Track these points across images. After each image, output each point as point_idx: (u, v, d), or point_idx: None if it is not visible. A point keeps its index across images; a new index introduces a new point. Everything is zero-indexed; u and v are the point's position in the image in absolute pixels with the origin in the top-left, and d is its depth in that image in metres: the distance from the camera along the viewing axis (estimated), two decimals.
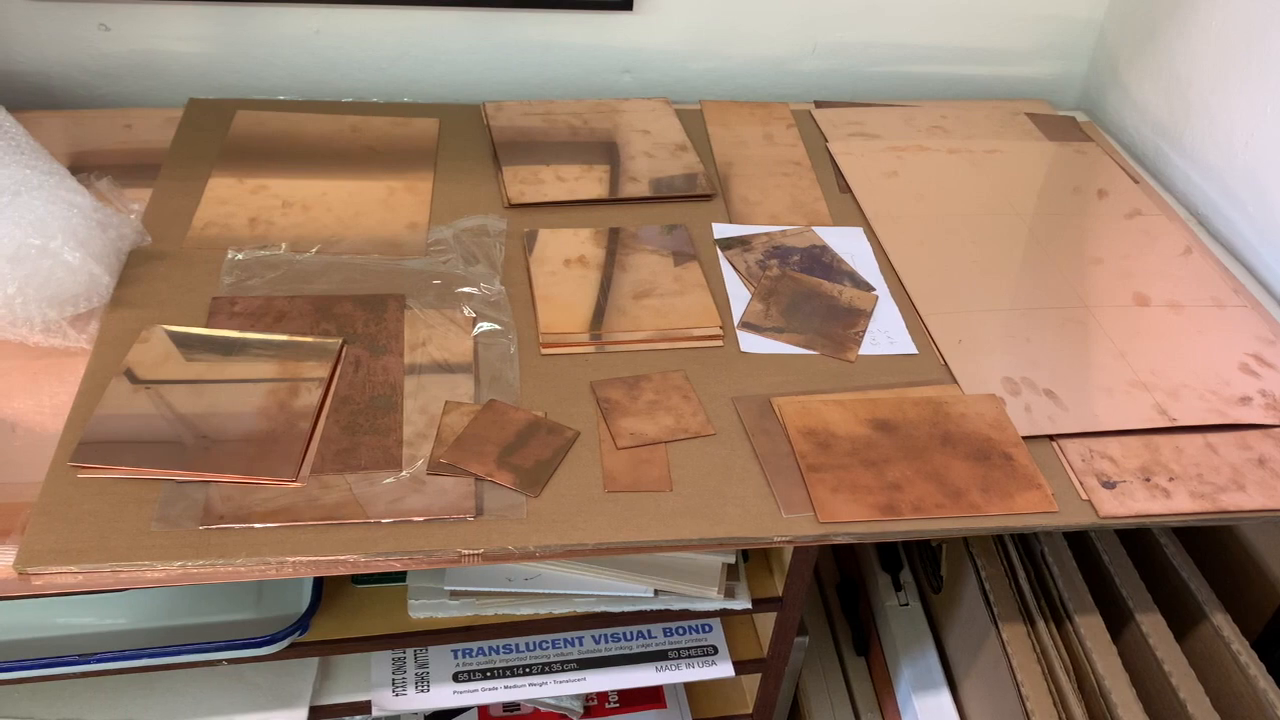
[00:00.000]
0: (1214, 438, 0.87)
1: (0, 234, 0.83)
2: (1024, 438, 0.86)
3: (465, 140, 1.16)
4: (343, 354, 0.88)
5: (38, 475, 0.76)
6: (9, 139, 0.95)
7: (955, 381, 0.91)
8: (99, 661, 0.79)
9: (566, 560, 0.85)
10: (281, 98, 1.21)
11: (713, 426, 0.85)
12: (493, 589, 0.87)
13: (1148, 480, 0.83)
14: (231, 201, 1.03)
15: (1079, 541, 1.00)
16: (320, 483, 0.77)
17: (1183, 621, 0.93)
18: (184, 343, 0.87)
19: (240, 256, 0.97)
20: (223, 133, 1.13)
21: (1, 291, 0.83)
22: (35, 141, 0.98)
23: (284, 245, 0.98)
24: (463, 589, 0.88)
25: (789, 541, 0.77)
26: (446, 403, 0.84)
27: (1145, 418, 0.88)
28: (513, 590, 0.88)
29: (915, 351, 0.94)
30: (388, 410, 0.83)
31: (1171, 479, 0.83)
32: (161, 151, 1.10)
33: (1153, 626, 0.90)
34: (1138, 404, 0.89)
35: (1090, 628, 0.90)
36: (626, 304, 0.95)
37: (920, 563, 1.11)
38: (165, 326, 0.88)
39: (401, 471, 0.79)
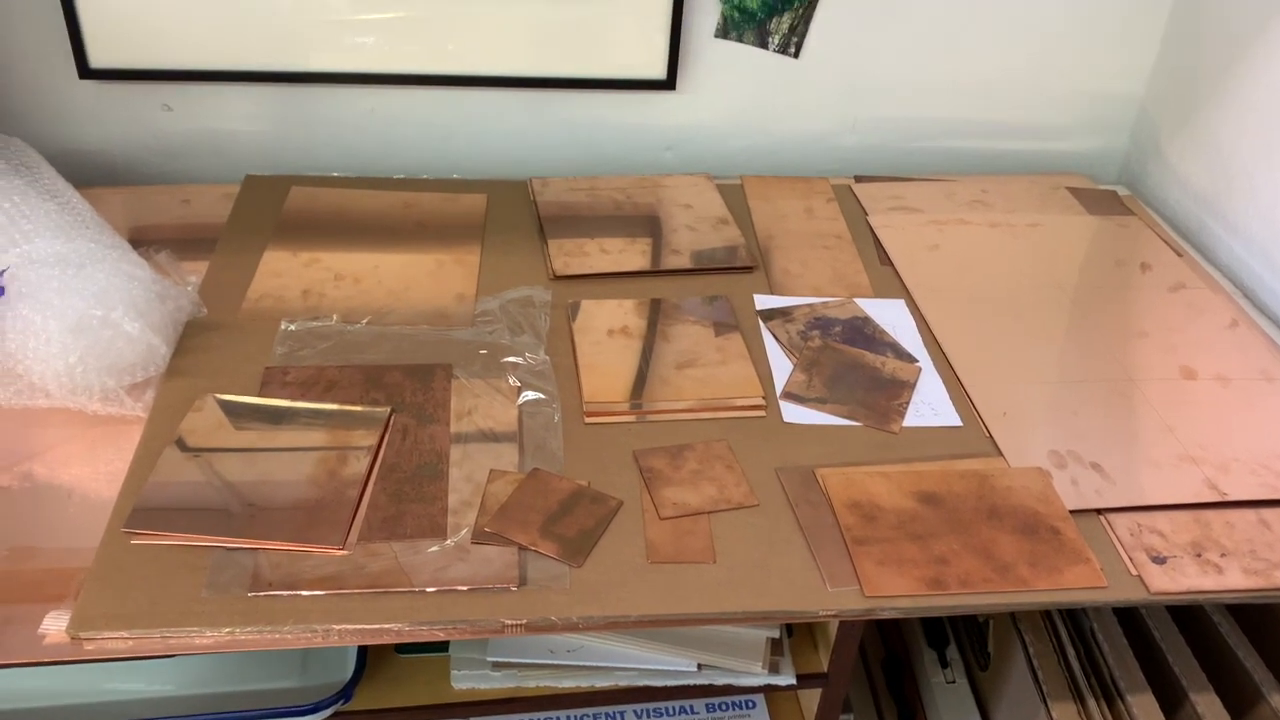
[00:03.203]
0: (1267, 513, 0.86)
1: (65, 305, 0.86)
2: (1071, 511, 0.85)
3: (512, 215, 1.19)
4: (391, 423, 0.89)
5: (92, 541, 0.77)
6: (75, 214, 0.99)
7: (1000, 454, 0.90)
8: None
9: (609, 632, 0.85)
10: (336, 174, 1.25)
11: (756, 497, 0.85)
12: (535, 660, 0.87)
13: (1199, 556, 0.82)
14: (285, 274, 1.06)
15: (1129, 618, 0.98)
16: (367, 550, 0.78)
17: (1240, 703, 0.91)
18: (236, 411, 0.89)
19: (293, 327, 0.99)
20: (278, 208, 1.17)
21: (63, 360, 0.86)
22: (99, 216, 1.02)
23: (335, 316, 1.01)
24: (505, 660, 0.87)
25: (835, 615, 0.77)
26: (491, 471, 0.85)
27: (1195, 492, 0.87)
28: (555, 662, 0.87)
29: (959, 424, 0.94)
30: (434, 478, 0.84)
31: (1223, 555, 0.82)
32: (218, 226, 1.14)
33: (1208, 707, 0.88)
34: (1187, 478, 0.88)
35: (1143, 708, 0.88)
36: (669, 374, 0.96)
37: (967, 639, 1.09)
38: (218, 395, 0.91)
39: (446, 540, 0.79)
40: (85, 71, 1.17)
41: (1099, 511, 0.85)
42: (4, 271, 0.89)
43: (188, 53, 1.18)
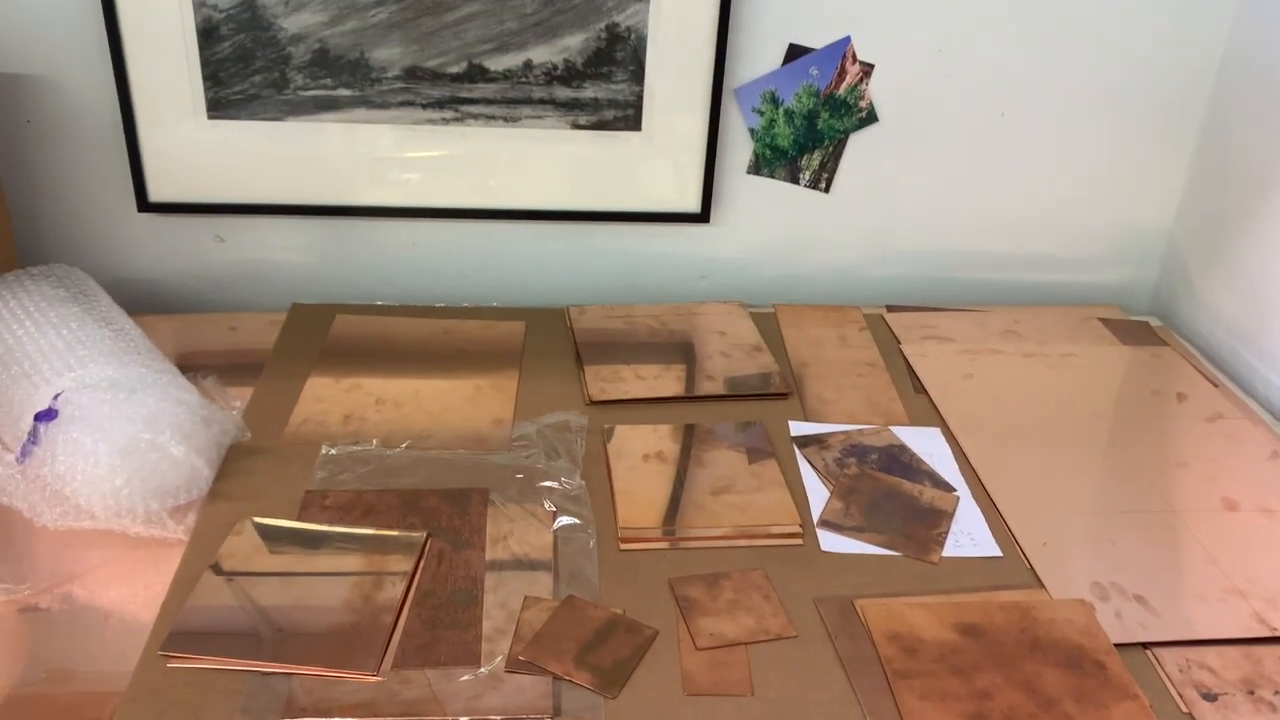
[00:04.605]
0: None
1: (115, 429, 0.88)
2: (1116, 645, 0.83)
3: (550, 341, 1.21)
4: (427, 548, 0.89)
5: (129, 664, 0.77)
6: (128, 340, 1.02)
7: (1042, 585, 0.89)
8: None
9: None
10: (379, 303, 1.28)
11: (794, 628, 0.84)
12: None
13: (1252, 693, 0.79)
14: (328, 399, 1.08)
15: None
16: (400, 678, 0.77)
17: None
18: (274, 535, 0.90)
19: (334, 451, 1.00)
20: (323, 335, 1.20)
21: (110, 483, 0.87)
22: (151, 343, 1.05)
23: (375, 441, 1.02)
24: None
25: None
26: (526, 598, 0.85)
27: (1244, 626, 0.85)
28: None
29: (999, 554, 0.93)
30: (468, 605, 0.84)
31: (1277, 692, 0.79)
32: (264, 352, 1.17)
33: None
34: (1235, 612, 0.86)
35: None
36: (705, 499, 0.96)
37: None
38: (257, 519, 0.91)
39: (480, 668, 0.78)
40: (144, 205, 1.23)
41: (1145, 645, 0.83)
42: (58, 396, 0.92)
43: (241, 188, 1.24)
